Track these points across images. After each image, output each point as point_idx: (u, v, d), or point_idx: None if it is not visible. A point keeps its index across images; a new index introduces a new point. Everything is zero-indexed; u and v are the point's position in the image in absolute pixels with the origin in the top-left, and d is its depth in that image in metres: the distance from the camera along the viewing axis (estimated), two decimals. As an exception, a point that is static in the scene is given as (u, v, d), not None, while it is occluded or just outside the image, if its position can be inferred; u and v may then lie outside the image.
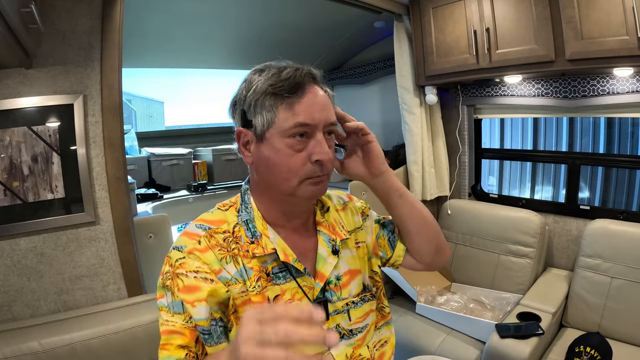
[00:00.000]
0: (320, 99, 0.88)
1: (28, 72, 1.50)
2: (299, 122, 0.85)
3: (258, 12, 2.78)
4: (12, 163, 1.48)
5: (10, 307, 1.51)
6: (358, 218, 1.14)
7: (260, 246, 0.90)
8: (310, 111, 0.86)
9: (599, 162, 4.25)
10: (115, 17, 1.62)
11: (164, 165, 3.39)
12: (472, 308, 2.41)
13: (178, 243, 0.89)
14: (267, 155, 0.88)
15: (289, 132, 0.85)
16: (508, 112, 2.89)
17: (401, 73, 2.82)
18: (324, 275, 0.96)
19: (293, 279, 0.93)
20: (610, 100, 2.27)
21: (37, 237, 1.55)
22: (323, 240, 1.01)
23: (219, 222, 0.93)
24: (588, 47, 1.97)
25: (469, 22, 2.41)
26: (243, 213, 0.95)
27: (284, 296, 0.91)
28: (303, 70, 0.88)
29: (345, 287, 1.01)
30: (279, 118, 0.86)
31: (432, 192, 2.99)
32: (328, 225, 1.04)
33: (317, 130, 0.87)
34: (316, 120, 0.86)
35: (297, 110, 0.85)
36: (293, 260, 0.92)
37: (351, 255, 1.05)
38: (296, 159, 0.87)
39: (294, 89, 0.85)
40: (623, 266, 2.09)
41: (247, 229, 0.93)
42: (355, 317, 1.01)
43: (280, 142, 0.86)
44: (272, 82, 0.86)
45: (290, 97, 0.85)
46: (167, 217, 2.16)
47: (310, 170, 0.87)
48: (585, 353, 1.91)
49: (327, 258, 0.99)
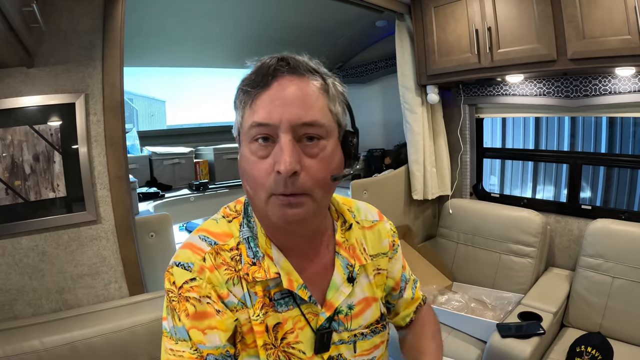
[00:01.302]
0: (289, 92, 0.72)
1: (30, 71, 1.50)
2: (255, 122, 0.71)
3: (259, 11, 2.78)
4: (13, 162, 1.48)
5: (11, 305, 1.51)
6: (385, 243, 1.00)
7: (262, 269, 0.78)
8: (269, 107, 0.71)
9: (601, 162, 4.26)
10: (116, 16, 1.62)
11: (165, 164, 3.40)
12: (473, 307, 2.41)
13: (183, 259, 0.78)
14: (242, 161, 0.77)
15: (249, 134, 0.73)
16: (510, 112, 2.89)
17: (403, 72, 2.82)
18: (332, 305, 0.84)
19: (296, 306, 0.81)
20: (612, 100, 2.26)
21: (39, 236, 1.55)
22: (340, 264, 0.87)
23: (224, 236, 0.82)
24: (590, 46, 1.96)
25: (470, 21, 2.40)
26: (245, 228, 0.83)
27: (285, 325, 0.80)
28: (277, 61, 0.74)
29: (356, 317, 0.89)
30: (244, 118, 0.74)
31: (434, 192, 2.99)
32: (348, 246, 0.90)
33: (280, 132, 0.71)
34: (275, 118, 0.70)
35: (256, 107, 0.72)
36: (298, 287, 0.80)
37: (368, 283, 0.93)
38: (259, 168, 0.72)
39: (257, 82, 0.72)
40: (624, 266, 2.09)
41: (248, 247, 0.81)
42: (361, 349, 0.89)
43: (246, 147, 0.75)
44: (245, 76, 0.76)
45: (254, 91, 0.72)
46: (168, 216, 2.16)
47: (275, 184, 0.71)
48: (586, 353, 1.91)
49: (341, 286, 0.86)
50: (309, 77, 0.74)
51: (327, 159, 0.75)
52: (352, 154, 0.81)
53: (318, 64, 0.79)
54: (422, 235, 3.17)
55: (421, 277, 2.62)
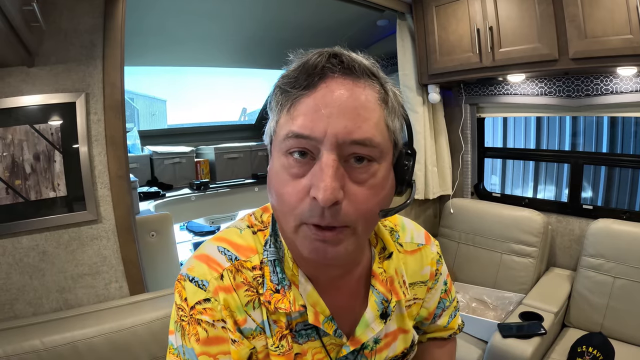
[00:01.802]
0: (339, 99, 0.57)
1: (30, 70, 1.50)
2: (292, 131, 0.58)
3: (260, 11, 2.78)
4: (14, 161, 1.48)
5: (12, 305, 1.51)
6: (426, 271, 0.88)
7: (287, 300, 0.68)
8: (313, 116, 0.57)
9: (602, 162, 4.26)
10: (117, 15, 1.62)
11: (166, 163, 3.39)
12: (474, 307, 2.41)
13: (196, 273, 0.68)
14: (271, 174, 0.64)
15: (284, 145, 0.59)
16: (511, 111, 2.89)
17: (404, 71, 2.81)
18: (359, 341, 0.75)
19: (318, 338, 0.73)
20: (613, 100, 2.26)
21: (39, 236, 1.55)
22: (375, 301, 0.76)
23: (248, 250, 0.71)
24: (591, 46, 1.96)
25: (472, 20, 2.40)
26: (271, 248, 0.71)
27: (305, 356, 0.72)
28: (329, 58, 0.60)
29: (381, 351, 0.80)
30: (279, 124, 0.61)
31: (435, 191, 2.98)
32: (386, 278, 0.78)
33: (323, 148, 0.57)
34: (318, 130, 0.56)
35: (295, 112, 0.58)
36: (324, 321, 0.71)
37: (400, 314, 0.83)
38: (291, 188, 0.59)
39: (301, 82, 0.58)
40: (626, 266, 2.08)
41: (273, 271, 0.70)
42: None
43: (278, 159, 0.61)
44: (285, 72, 0.62)
45: (295, 92, 0.59)
46: (169, 215, 2.16)
47: (308, 212, 0.58)
48: (587, 353, 1.90)
49: (372, 323, 0.75)
50: (365, 81, 0.61)
51: (377, 186, 0.61)
52: (406, 180, 0.67)
53: (375, 65, 0.65)
54: (423, 234, 3.16)
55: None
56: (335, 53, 0.61)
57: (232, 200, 3.33)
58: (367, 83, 0.60)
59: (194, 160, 3.55)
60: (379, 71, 0.64)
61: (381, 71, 0.64)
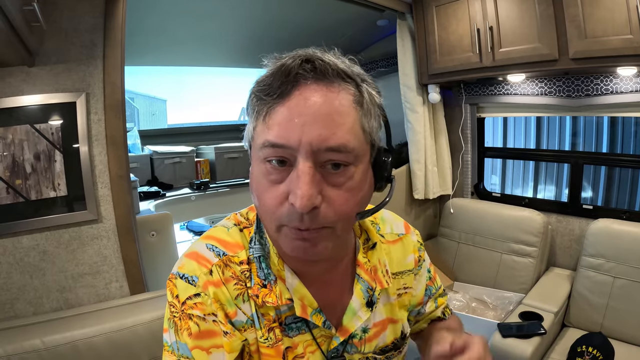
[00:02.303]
0: (312, 106, 0.58)
1: (30, 70, 1.50)
2: (268, 141, 0.59)
3: (261, 10, 2.78)
4: (14, 161, 1.48)
5: (12, 304, 1.51)
6: (410, 259, 0.90)
7: (274, 294, 0.70)
8: (288, 126, 0.58)
9: (602, 162, 4.26)
10: (117, 15, 1.62)
11: (166, 163, 3.40)
12: (474, 307, 2.41)
13: (186, 270, 0.70)
14: (252, 180, 0.66)
15: (261, 153, 0.61)
16: (511, 111, 2.89)
17: (404, 71, 2.81)
18: (348, 331, 0.77)
19: (308, 331, 0.75)
20: (613, 100, 2.26)
21: (40, 235, 1.55)
22: (360, 288, 0.78)
23: (235, 246, 0.74)
24: (591, 46, 1.96)
25: (472, 20, 2.40)
26: (256, 245, 0.74)
27: (296, 349, 0.74)
28: (302, 64, 0.59)
29: (370, 340, 0.81)
30: (256, 131, 0.62)
31: (435, 191, 2.99)
32: (370, 267, 0.80)
33: (299, 156, 0.58)
34: (293, 140, 0.57)
35: (270, 122, 0.59)
36: (312, 313, 0.73)
37: (388, 303, 0.84)
38: (270, 194, 0.61)
39: (274, 89, 0.59)
40: (626, 266, 2.09)
41: (259, 267, 0.72)
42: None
43: (257, 165, 0.63)
44: (259, 78, 0.63)
45: (269, 100, 0.59)
46: (169, 215, 2.16)
47: (287, 216, 0.60)
48: (587, 353, 1.90)
49: (359, 311, 0.78)
50: (339, 85, 0.61)
51: (355, 189, 0.63)
52: (385, 176, 0.69)
53: (351, 63, 0.65)
54: (423, 234, 3.12)
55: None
56: (308, 58, 0.60)
57: (232, 200, 3.33)
58: (342, 87, 0.61)
59: (194, 160, 3.56)
60: (353, 69, 0.64)
61: (357, 67, 0.65)
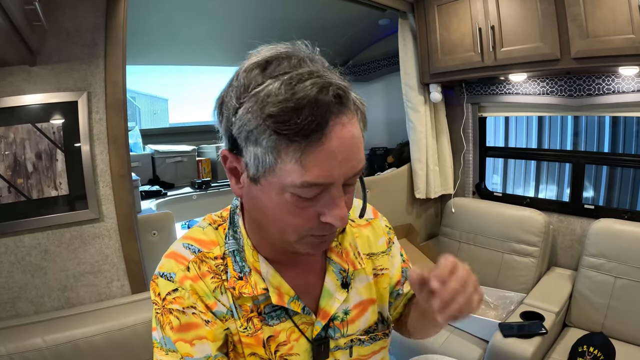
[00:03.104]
0: (348, 142, 0.60)
1: (32, 69, 1.51)
2: (308, 182, 0.59)
3: (262, 10, 2.78)
4: (16, 160, 1.48)
5: (14, 303, 1.52)
6: (382, 242, 0.94)
7: (249, 285, 0.74)
8: (329, 166, 0.59)
9: (604, 161, 4.25)
10: (119, 14, 1.62)
11: (167, 162, 3.40)
12: (475, 307, 2.40)
13: (165, 269, 0.74)
14: (263, 202, 0.66)
15: (293, 189, 0.61)
16: (513, 111, 2.88)
17: (406, 71, 2.81)
18: (327, 313, 0.80)
19: (289, 318, 0.78)
20: (615, 99, 2.26)
21: (41, 234, 1.55)
22: (332, 271, 0.82)
23: (210, 243, 0.77)
24: (593, 45, 1.96)
25: (474, 19, 2.39)
26: (230, 241, 0.77)
27: (278, 337, 0.77)
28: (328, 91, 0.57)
29: (352, 322, 0.84)
30: (282, 168, 0.59)
31: (436, 190, 2.98)
32: (341, 251, 0.84)
33: (333, 187, 0.62)
34: (335, 176, 0.60)
35: (309, 164, 0.58)
36: (289, 300, 0.76)
37: (367, 283, 0.87)
38: (299, 219, 0.64)
39: (308, 130, 0.56)
40: (627, 266, 2.08)
41: (234, 261, 0.75)
42: (358, 354, 0.85)
43: (279, 195, 0.63)
44: (273, 109, 0.56)
45: (301, 141, 0.57)
46: (170, 214, 2.16)
47: (316, 229, 0.66)
48: (588, 353, 1.90)
49: (335, 293, 0.81)
50: (352, 110, 0.62)
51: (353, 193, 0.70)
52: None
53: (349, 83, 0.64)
54: (424, 234, 3.17)
55: (423, 276, 2.62)
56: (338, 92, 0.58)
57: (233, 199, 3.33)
58: (353, 111, 0.62)
59: (196, 159, 3.56)
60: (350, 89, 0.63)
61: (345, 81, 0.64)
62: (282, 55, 0.64)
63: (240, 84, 0.63)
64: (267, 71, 0.62)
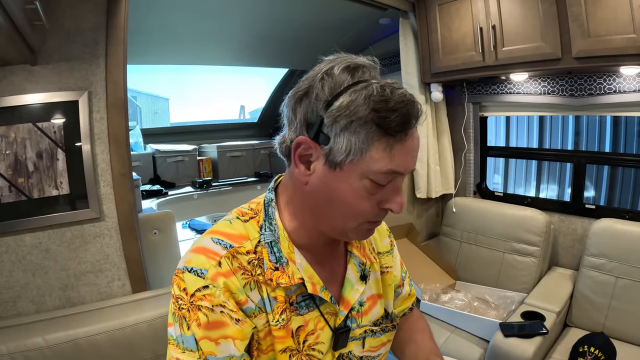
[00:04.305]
0: (417, 144, 0.75)
1: (33, 68, 1.51)
2: (392, 170, 0.71)
3: (263, 9, 2.78)
4: (17, 159, 1.49)
5: (15, 302, 1.52)
6: (386, 242, 1.04)
7: (286, 275, 0.78)
8: (407, 159, 0.73)
9: (605, 161, 4.25)
10: (120, 13, 1.62)
11: (168, 161, 3.41)
12: (476, 306, 2.41)
13: (194, 264, 0.75)
14: (335, 187, 0.74)
15: (375, 175, 0.71)
16: (514, 110, 2.88)
17: (407, 70, 2.81)
18: (349, 303, 0.86)
19: (316, 308, 0.82)
20: (616, 99, 2.25)
21: (42, 233, 1.55)
22: (354, 264, 0.90)
23: (240, 238, 0.79)
24: (595, 45, 1.95)
25: (475, 19, 2.39)
26: (267, 232, 0.80)
27: (307, 326, 0.81)
28: (416, 104, 0.72)
29: (366, 313, 0.91)
30: (372, 156, 0.70)
31: (437, 190, 2.98)
32: (360, 246, 0.94)
33: (401, 178, 0.76)
34: (408, 169, 0.74)
35: (395, 154, 0.71)
36: (320, 289, 0.81)
37: (375, 279, 0.96)
38: (367, 204, 0.74)
39: (400, 127, 0.70)
40: (628, 266, 2.08)
41: (270, 252, 0.79)
42: (369, 345, 0.91)
43: (358, 181, 0.72)
44: (377, 106, 0.69)
45: (394, 136, 0.70)
46: (171, 213, 2.17)
47: (374, 216, 0.77)
48: (589, 353, 1.90)
49: (355, 284, 0.88)
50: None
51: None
52: None
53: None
54: (425, 233, 3.17)
55: (424, 275, 2.62)
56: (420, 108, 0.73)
57: (234, 199, 3.34)
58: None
59: (197, 159, 3.57)
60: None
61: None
62: (365, 65, 0.77)
63: (332, 81, 0.73)
64: (356, 75, 0.74)
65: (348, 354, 0.87)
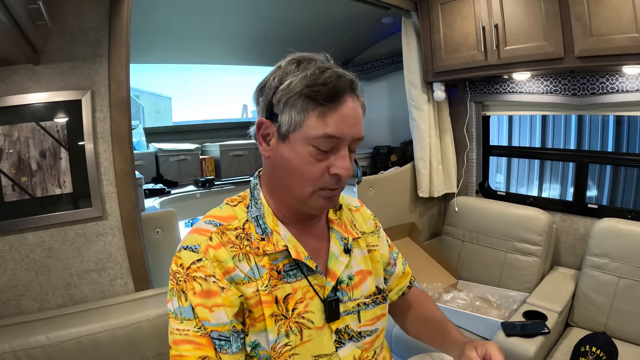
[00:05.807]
0: (354, 113, 0.86)
1: (36, 68, 1.51)
2: (328, 134, 0.83)
3: (266, 8, 2.78)
4: (20, 158, 1.49)
5: (18, 301, 1.53)
6: (370, 224, 1.15)
7: (271, 243, 0.89)
8: (342, 125, 0.84)
9: (608, 161, 4.24)
10: (122, 13, 1.63)
11: (171, 160, 3.40)
12: (478, 306, 2.41)
13: (190, 242, 0.87)
14: (287, 156, 0.86)
15: (315, 141, 0.84)
16: (516, 109, 2.88)
17: (409, 69, 2.81)
18: (335, 274, 0.95)
19: (304, 277, 0.91)
20: (619, 98, 2.25)
21: (45, 232, 1.56)
22: (335, 237, 1.01)
23: (229, 218, 0.92)
24: (597, 44, 1.95)
25: (477, 18, 2.39)
26: (253, 209, 0.93)
27: (295, 295, 0.90)
28: (345, 78, 0.85)
29: (356, 287, 0.99)
30: (308, 124, 0.83)
31: (440, 189, 2.98)
32: (340, 223, 1.04)
33: (342, 144, 0.86)
34: (345, 134, 0.84)
35: (328, 120, 0.83)
36: (305, 257, 0.91)
37: (363, 256, 1.05)
38: (315, 169, 0.85)
39: (330, 97, 0.82)
40: (630, 266, 2.08)
41: (257, 225, 0.91)
42: (365, 319, 1.00)
43: (303, 147, 0.85)
44: (308, 82, 0.82)
45: (325, 105, 0.82)
46: (174, 212, 2.17)
47: (326, 182, 0.86)
48: (591, 353, 1.90)
49: (339, 256, 0.98)
50: (358, 97, 0.89)
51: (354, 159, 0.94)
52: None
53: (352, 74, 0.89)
54: (427, 232, 3.17)
55: (426, 274, 2.62)
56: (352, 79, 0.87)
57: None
58: (359, 98, 0.90)
59: (199, 158, 3.56)
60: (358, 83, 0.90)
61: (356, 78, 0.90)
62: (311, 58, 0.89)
63: (281, 72, 0.87)
64: (301, 66, 0.86)
65: (346, 329, 0.96)
